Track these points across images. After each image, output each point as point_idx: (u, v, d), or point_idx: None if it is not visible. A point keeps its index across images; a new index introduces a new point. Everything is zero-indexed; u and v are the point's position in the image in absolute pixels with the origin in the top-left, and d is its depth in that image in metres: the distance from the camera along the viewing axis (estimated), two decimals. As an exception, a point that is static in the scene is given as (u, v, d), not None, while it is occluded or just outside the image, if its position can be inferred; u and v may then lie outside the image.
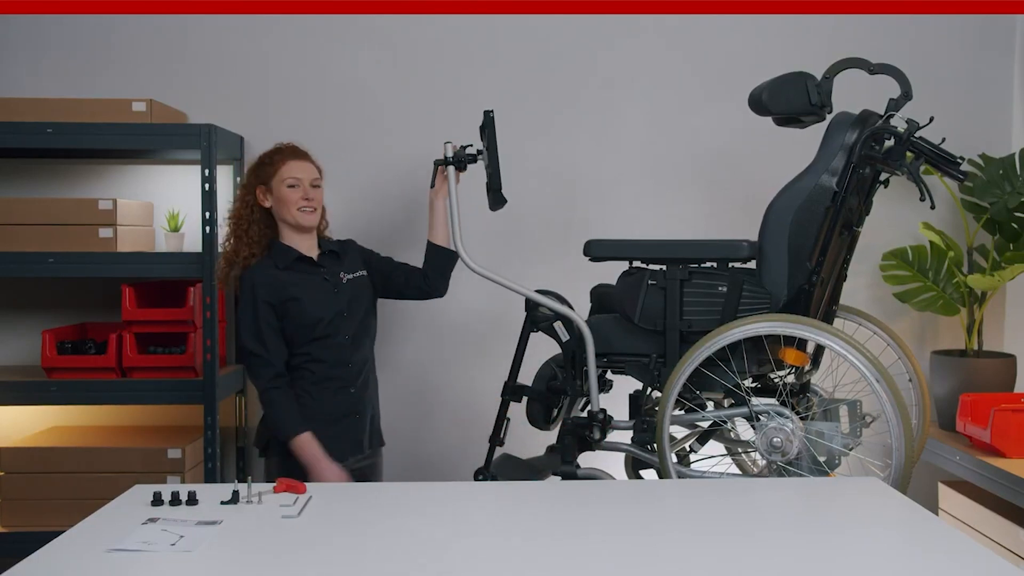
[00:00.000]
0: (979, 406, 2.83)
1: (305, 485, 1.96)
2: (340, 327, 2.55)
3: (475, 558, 1.58)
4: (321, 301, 2.53)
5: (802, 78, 2.48)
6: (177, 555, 1.58)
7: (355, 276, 2.64)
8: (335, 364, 2.55)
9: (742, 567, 1.53)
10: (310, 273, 2.57)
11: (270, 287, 2.50)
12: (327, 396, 2.54)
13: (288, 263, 2.55)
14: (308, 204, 2.56)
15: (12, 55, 3.27)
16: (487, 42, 3.30)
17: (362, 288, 2.65)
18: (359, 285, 2.64)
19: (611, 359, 2.55)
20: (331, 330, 2.54)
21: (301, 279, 2.54)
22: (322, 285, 2.56)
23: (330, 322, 2.53)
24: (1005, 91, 3.33)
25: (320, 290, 2.55)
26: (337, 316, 2.55)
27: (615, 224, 3.32)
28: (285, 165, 2.56)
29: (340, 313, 2.56)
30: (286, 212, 2.55)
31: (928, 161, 2.36)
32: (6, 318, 3.32)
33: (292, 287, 2.51)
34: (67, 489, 2.94)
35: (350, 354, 2.57)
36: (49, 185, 3.30)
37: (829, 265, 2.43)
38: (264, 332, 2.49)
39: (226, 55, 3.29)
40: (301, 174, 2.56)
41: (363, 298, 2.63)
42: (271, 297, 2.50)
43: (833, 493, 1.97)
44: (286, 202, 2.54)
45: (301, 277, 2.55)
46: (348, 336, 2.57)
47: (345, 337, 2.56)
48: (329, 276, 2.58)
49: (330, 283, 2.57)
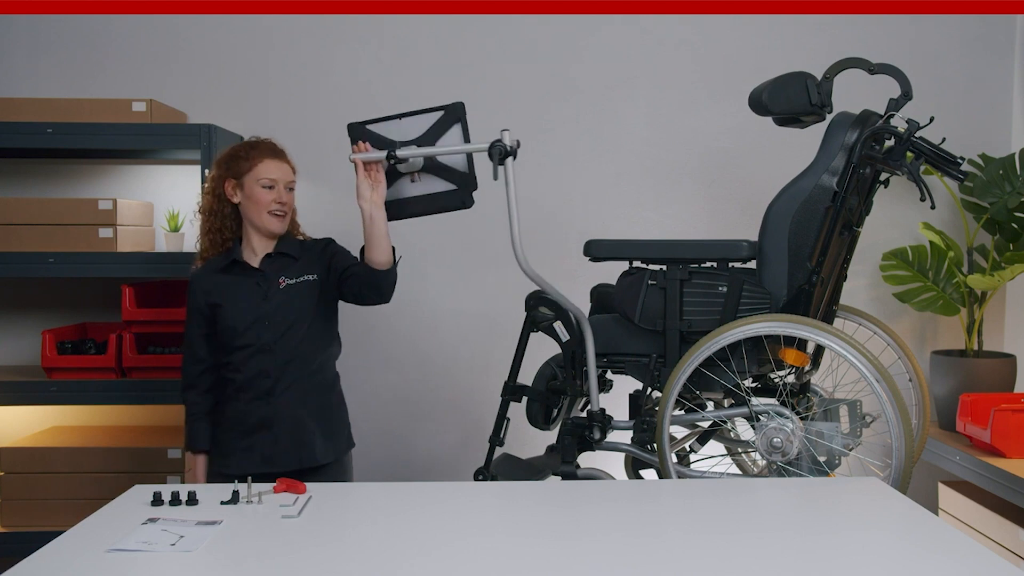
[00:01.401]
0: (979, 406, 2.83)
1: (305, 485, 1.96)
2: (260, 335, 2.39)
3: (475, 558, 1.58)
4: (242, 308, 2.41)
5: (802, 78, 2.48)
6: (177, 555, 1.58)
7: (298, 281, 2.44)
8: (252, 374, 2.40)
9: (742, 567, 1.53)
10: (243, 277, 2.44)
11: (203, 292, 2.44)
12: (242, 406, 2.42)
13: (225, 266, 2.45)
14: (281, 208, 2.43)
15: (12, 55, 3.27)
16: (487, 42, 3.30)
17: (305, 292, 2.44)
18: (301, 289, 2.44)
19: (611, 359, 2.55)
20: (250, 338, 2.40)
21: (232, 283, 2.43)
22: (251, 291, 2.42)
23: (247, 329, 2.39)
24: (1005, 91, 3.33)
25: (246, 296, 2.41)
26: (256, 324, 2.39)
27: (615, 224, 3.32)
28: (262, 163, 2.41)
29: (260, 321, 2.40)
30: (255, 214, 2.42)
31: (928, 161, 2.36)
32: (6, 318, 3.32)
33: (220, 292, 2.43)
34: (67, 489, 2.94)
35: (267, 364, 2.40)
36: (49, 185, 3.31)
37: (829, 265, 2.43)
38: (187, 338, 2.48)
39: (226, 55, 3.29)
40: (277, 175, 2.42)
41: (301, 303, 2.43)
42: (201, 302, 2.44)
43: (833, 493, 1.97)
44: (257, 203, 2.41)
45: (233, 281, 2.44)
46: (267, 344, 2.39)
47: (263, 345, 2.39)
48: (262, 281, 2.43)
49: (260, 289, 2.42)
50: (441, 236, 3.30)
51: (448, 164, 2.43)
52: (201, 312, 2.45)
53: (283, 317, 2.41)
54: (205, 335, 2.46)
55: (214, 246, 2.48)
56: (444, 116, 2.41)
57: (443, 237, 3.30)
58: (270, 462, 2.40)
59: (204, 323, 2.45)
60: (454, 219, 3.24)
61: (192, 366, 2.47)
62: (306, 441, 2.43)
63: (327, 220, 3.25)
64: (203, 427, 2.46)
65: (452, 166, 2.43)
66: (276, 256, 2.46)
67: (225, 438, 2.44)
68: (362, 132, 2.45)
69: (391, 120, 2.45)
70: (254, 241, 2.47)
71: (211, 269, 2.47)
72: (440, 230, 3.29)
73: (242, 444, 2.42)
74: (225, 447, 2.44)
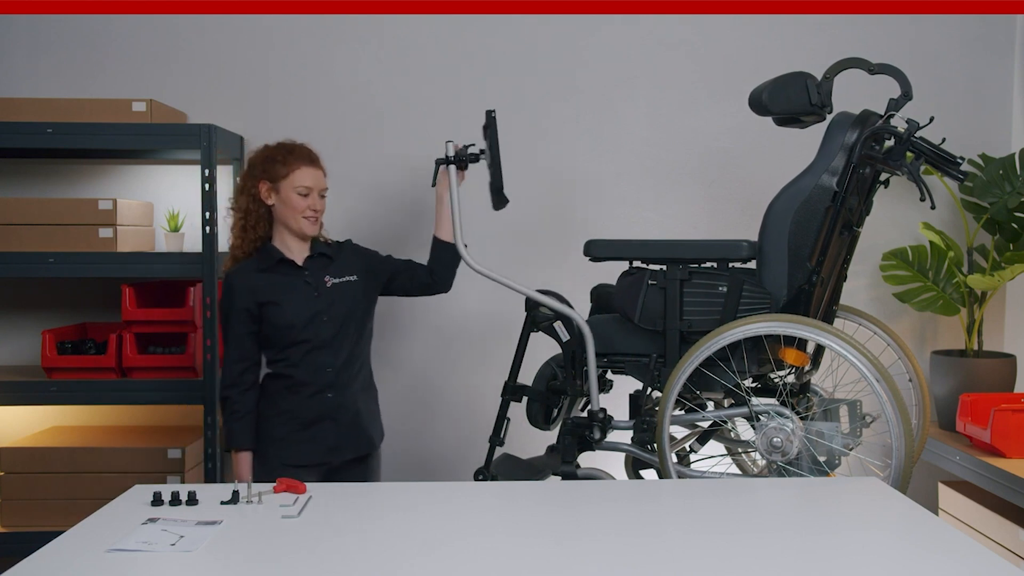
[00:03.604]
0: (979, 406, 2.83)
1: (305, 485, 1.97)
2: (318, 331, 2.52)
3: (475, 558, 1.58)
4: (298, 305, 2.51)
5: (802, 78, 2.48)
6: (177, 555, 1.58)
7: (342, 280, 2.59)
8: (311, 369, 2.52)
9: (742, 567, 1.53)
10: (291, 276, 2.54)
11: (248, 291, 2.50)
12: (301, 400, 2.52)
13: (269, 265, 2.54)
14: (315, 215, 2.55)
15: (12, 55, 3.27)
16: (487, 42, 3.30)
17: (349, 292, 2.59)
18: (345, 289, 2.58)
19: (611, 359, 2.55)
20: (308, 335, 2.51)
21: (281, 282, 2.53)
22: (302, 289, 2.53)
23: (306, 326, 2.50)
24: (1005, 91, 3.33)
25: (299, 294, 2.52)
26: (314, 320, 2.51)
27: (615, 224, 3.32)
28: (300, 171, 2.53)
29: (318, 317, 2.52)
30: (290, 218, 2.53)
31: (928, 161, 2.36)
32: (6, 318, 3.33)
33: (270, 290, 2.51)
34: (67, 489, 2.94)
35: (328, 358, 2.53)
36: (49, 185, 3.31)
37: (829, 265, 2.43)
38: (231, 338, 2.52)
39: (226, 55, 3.29)
40: (312, 183, 2.54)
41: (348, 302, 2.57)
42: (247, 302, 2.50)
43: (833, 493, 1.97)
44: (293, 208, 2.52)
45: (282, 280, 2.53)
46: (326, 341, 2.53)
47: (322, 342, 2.52)
48: (311, 280, 2.55)
49: (311, 287, 2.54)
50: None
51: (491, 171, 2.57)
52: (248, 311, 2.51)
53: (337, 313, 2.55)
54: (252, 333, 2.53)
55: (245, 244, 2.57)
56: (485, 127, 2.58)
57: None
58: (334, 451, 2.55)
59: (251, 321, 2.52)
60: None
61: (235, 365, 2.52)
62: (364, 428, 2.61)
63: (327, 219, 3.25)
64: (247, 425, 2.51)
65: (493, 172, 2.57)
66: (317, 256, 2.59)
67: (282, 431, 2.52)
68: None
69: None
70: (289, 241, 2.57)
71: (251, 269, 2.54)
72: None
73: (304, 435, 2.53)
74: (285, 439, 2.52)
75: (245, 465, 2.51)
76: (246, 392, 2.52)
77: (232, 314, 2.51)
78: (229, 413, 2.51)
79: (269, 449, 2.52)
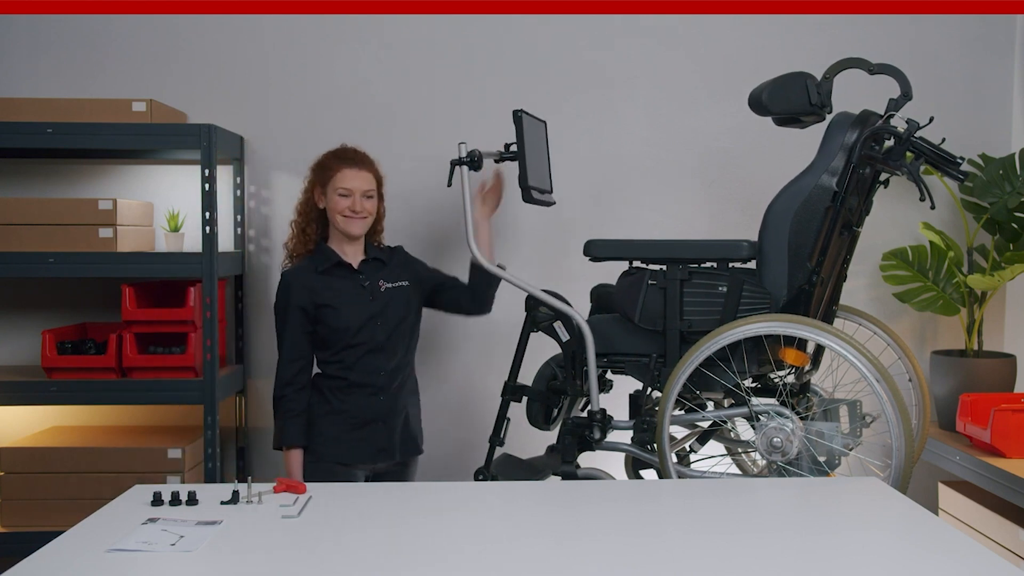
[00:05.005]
0: (979, 406, 2.83)
1: (305, 485, 1.97)
2: (373, 334, 2.57)
3: (475, 558, 1.58)
4: (355, 308, 2.57)
5: (802, 78, 2.48)
6: (177, 555, 1.58)
7: (395, 285, 2.66)
8: (366, 371, 2.58)
9: (742, 567, 1.53)
10: (347, 279, 2.61)
11: (305, 291, 2.56)
12: (355, 401, 2.58)
13: (327, 267, 2.60)
14: (355, 215, 2.59)
15: (12, 55, 3.27)
16: (487, 42, 3.30)
17: (401, 297, 2.65)
18: (398, 294, 2.65)
19: (611, 359, 2.55)
20: (364, 337, 2.56)
21: (338, 284, 2.59)
22: (358, 292, 2.60)
23: (361, 329, 2.56)
24: (1005, 91, 3.33)
25: (355, 297, 2.59)
26: (369, 324, 2.57)
27: (615, 224, 3.32)
28: (340, 173, 2.60)
29: (373, 320, 2.58)
30: (333, 218, 2.61)
31: (928, 161, 2.36)
32: (6, 318, 3.32)
33: (327, 292, 2.57)
34: (67, 489, 2.94)
35: (382, 362, 2.59)
36: (49, 185, 3.30)
37: (829, 265, 2.43)
38: (287, 337, 2.57)
39: (226, 55, 3.29)
40: (353, 184, 2.59)
41: (401, 307, 2.64)
42: (304, 302, 2.56)
43: (833, 493, 1.97)
44: (333, 209, 2.60)
45: (338, 282, 2.60)
46: (380, 344, 2.58)
47: (377, 345, 2.58)
48: (367, 283, 2.62)
49: (366, 290, 2.61)
50: (441, 236, 3.30)
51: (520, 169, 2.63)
52: (305, 311, 2.56)
53: (391, 317, 2.61)
54: (309, 333, 2.58)
55: (299, 245, 2.66)
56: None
57: (443, 237, 3.30)
58: (384, 452, 2.61)
59: (307, 321, 2.57)
60: (453, 219, 3.24)
61: (290, 364, 2.57)
62: (412, 433, 2.69)
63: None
64: (300, 424, 2.56)
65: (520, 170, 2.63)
66: (371, 260, 2.67)
67: (334, 430, 2.57)
68: None
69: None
70: (343, 243, 2.65)
71: (308, 270, 2.60)
72: (439, 230, 3.29)
73: (356, 435, 2.58)
74: (338, 438, 2.57)
75: (296, 462, 2.55)
76: (300, 391, 2.57)
77: (289, 313, 2.56)
78: (284, 411, 2.55)
79: (321, 447, 2.57)
